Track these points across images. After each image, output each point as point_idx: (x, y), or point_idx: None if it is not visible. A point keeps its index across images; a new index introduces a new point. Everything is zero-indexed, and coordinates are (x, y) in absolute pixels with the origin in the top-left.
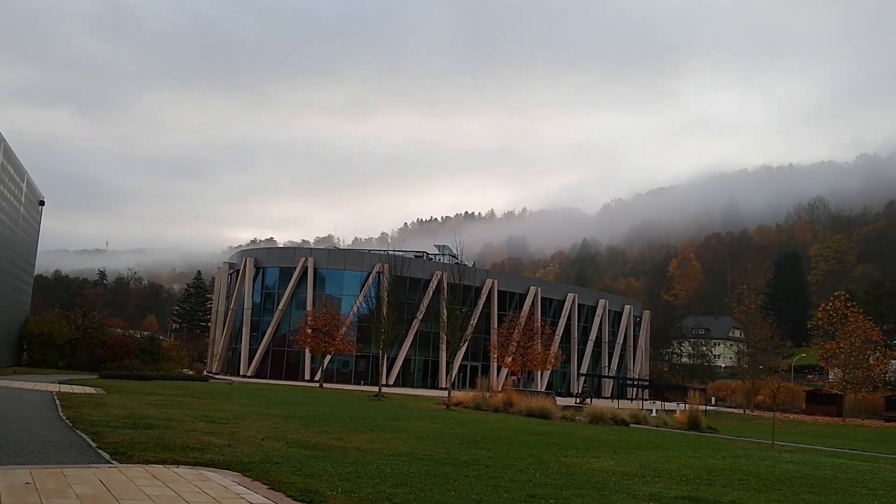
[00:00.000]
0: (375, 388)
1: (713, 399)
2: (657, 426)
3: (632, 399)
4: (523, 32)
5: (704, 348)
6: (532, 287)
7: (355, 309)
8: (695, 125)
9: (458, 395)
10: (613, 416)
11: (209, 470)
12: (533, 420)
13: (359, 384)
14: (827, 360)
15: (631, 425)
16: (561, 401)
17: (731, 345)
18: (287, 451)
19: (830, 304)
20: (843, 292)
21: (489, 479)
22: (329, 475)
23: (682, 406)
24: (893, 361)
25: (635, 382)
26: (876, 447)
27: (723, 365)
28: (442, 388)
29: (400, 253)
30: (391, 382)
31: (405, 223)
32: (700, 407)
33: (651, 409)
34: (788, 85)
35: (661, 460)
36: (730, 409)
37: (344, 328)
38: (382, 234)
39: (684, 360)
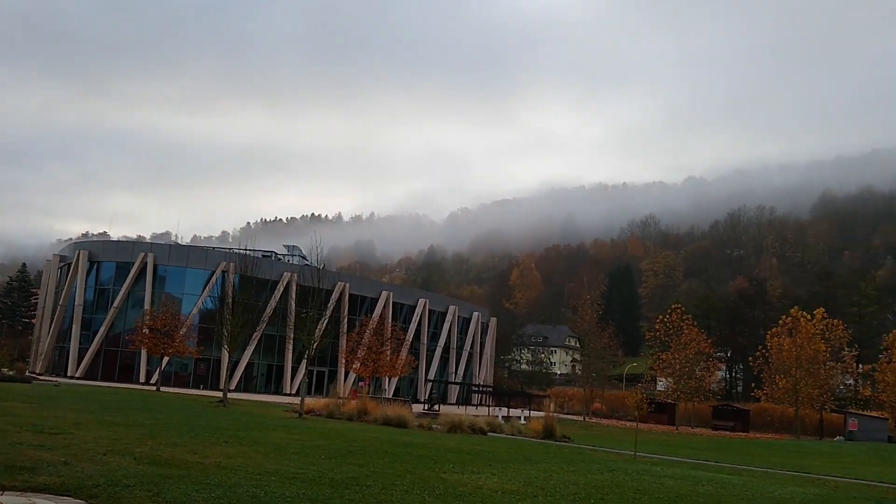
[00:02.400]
0: (216, 393)
1: (552, 406)
2: (512, 435)
3: (477, 405)
4: (375, 38)
5: (543, 356)
6: (384, 291)
7: (195, 310)
8: (536, 141)
9: (310, 402)
10: (471, 424)
11: (43, 497)
12: (391, 429)
13: (198, 388)
14: (662, 369)
15: (488, 434)
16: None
17: (567, 352)
18: (137, 470)
19: (667, 315)
20: (680, 305)
21: (377, 503)
22: (195, 503)
23: (526, 413)
24: (718, 372)
25: (481, 389)
26: (726, 457)
27: (559, 372)
28: (287, 394)
29: (247, 252)
30: (233, 387)
31: (248, 222)
32: (554, 415)
33: (507, 417)
34: (623, 109)
35: (543, 476)
36: (569, 416)
37: (184, 329)
38: (224, 232)
39: (524, 366)
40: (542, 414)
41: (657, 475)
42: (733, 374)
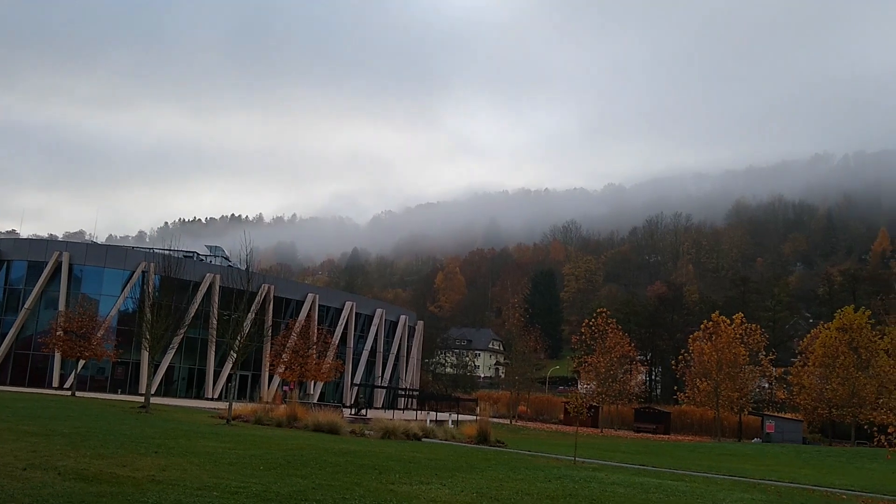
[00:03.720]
0: (135, 398)
1: (477, 409)
2: (446, 440)
3: (403, 409)
4: (298, 39)
5: (467, 359)
6: (310, 294)
7: (114, 311)
8: (460, 145)
9: (237, 407)
10: (405, 430)
11: None
12: (324, 436)
13: (116, 393)
14: (587, 372)
15: (422, 439)
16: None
17: (491, 356)
18: (64, 487)
19: (593, 319)
20: (605, 309)
21: None
22: None
23: (454, 417)
24: (640, 375)
25: (407, 392)
26: (661, 462)
27: (483, 375)
28: (210, 399)
29: (168, 252)
30: (152, 392)
31: (166, 222)
32: (489, 419)
33: (435, 421)
34: (545, 116)
35: (493, 486)
36: (495, 420)
37: (102, 331)
38: (141, 232)
39: (448, 370)
40: (470, 418)
41: (604, 482)
42: (653, 377)
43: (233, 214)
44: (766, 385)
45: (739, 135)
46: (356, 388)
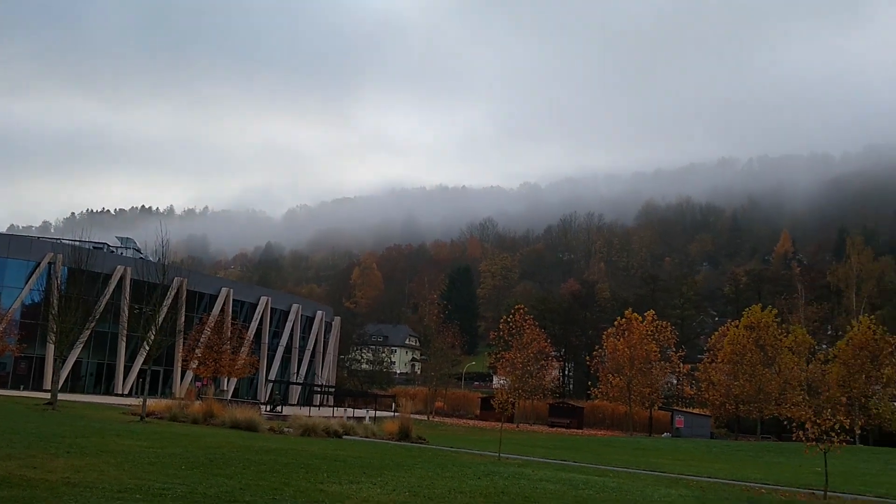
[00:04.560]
0: (39, 394)
1: (393, 405)
2: (367, 437)
3: (319, 406)
4: (211, 31)
5: (384, 355)
6: (224, 288)
7: (17, 304)
8: (377, 141)
9: (150, 404)
10: (325, 427)
11: None
12: (243, 434)
13: (18, 389)
14: (503, 368)
15: (343, 437)
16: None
17: (407, 352)
18: None
19: (511, 316)
20: (522, 306)
21: None
22: None
23: (371, 413)
24: (553, 371)
25: (323, 389)
26: (581, 457)
27: (399, 371)
28: (119, 395)
29: (77, 242)
30: (58, 388)
31: (73, 213)
32: (411, 416)
33: (352, 418)
34: (462, 114)
35: (424, 484)
36: (413, 416)
37: (4, 325)
38: (45, 222)
39: (364, 366)
40: (388, 414)
41: (533, 479)
42: (567, 373)
43: (143, 206)
44: (675, 381)
45: (649, 138)
46: (271, 384)
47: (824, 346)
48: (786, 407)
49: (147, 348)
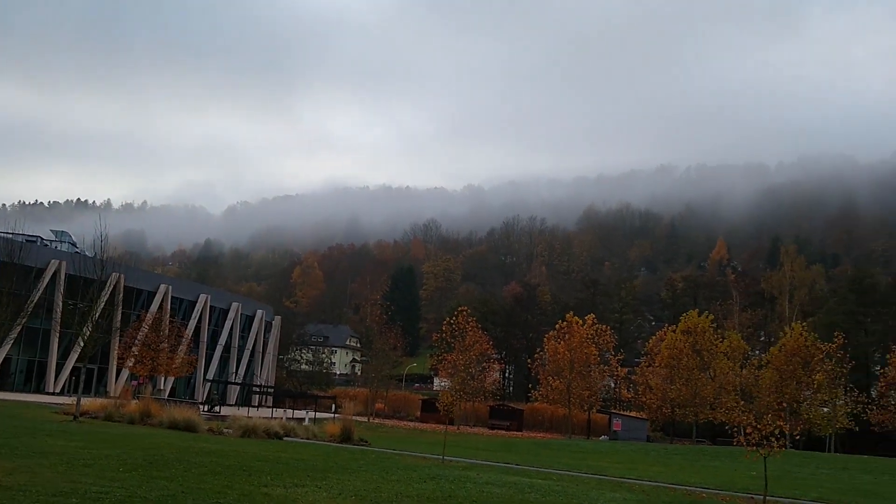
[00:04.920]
0: None
1: (333, 406)
2: (308, 438)
3: (258, 406)
4: (151, 24)
5: (324, 355)
6: (162, 284)
7: None
8: (320, 139)
9: (85, 403)
10: (266, 428)
11: None
12: (182, 434)
13: None
14: (445, 370)
15: (284, 438)
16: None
17: (347, 353)
18: None
19: (454, 318)
20: (465, 308)
21: None
22: None
23: (312, 415)
24: (493, 373)
25: (262, 389)
26: (524, 459)
27: (338, 372)
28: (50, 394)
29: (8, 235)
30: None
31: (4, 205)
32: (353, 418)
33: (292, 419)
34: (407, 115)
35: (371, 488)
36: (354, 418)
37: None
38: None
39: (304, 366)
40: (328, 416)
41: (478, 483)
42: (507, 376)
43: (79, 199)
44: (613, 384)
45: (591, 144)
46: (209, 384)
47: (758, 353)
48: (721, 411)
49: (82, 345)
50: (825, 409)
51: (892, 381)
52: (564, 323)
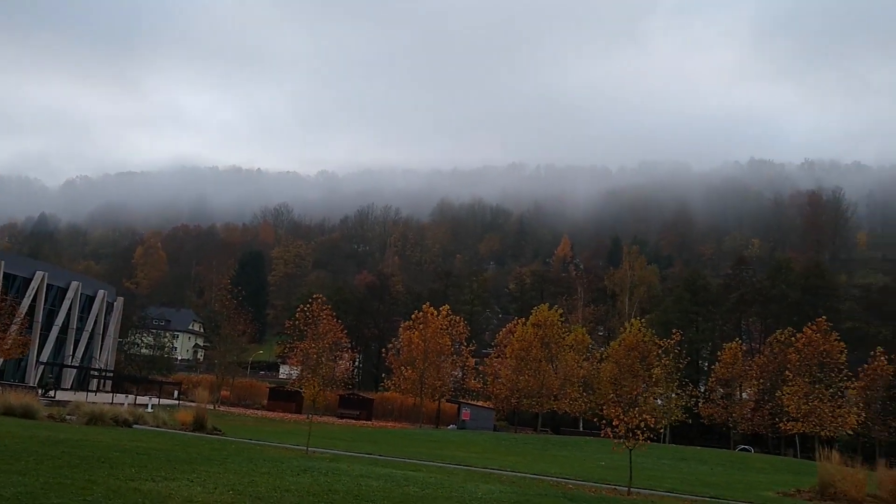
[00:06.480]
0: None
1: (176, 393)
2: (159, 426)
3: (96, 391)
4: None
5: (165, 340)
6: None
7: None
8: (168, 116)
9: None
10: (114, 415)
11: None
12: (20, 421)
13: None
14: (296, 358)
15: (134, 426)
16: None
17: (190, 338)
18: None
19: (308, 305)
20: (320, 295)
21: None
22: None
23: (154, 401)
24: (342, 362)
25: (101, 373)
26: (385, 450)
27: (180, 357)
28: None
29: None
30: None
31: None
32: (207, 406)
33: (139, 405)
34: (261, 96)
35: (244, 482)
36: (198, 404)
37: None
38: None
39: (143, 350)
40: (172, 402)
41: (352, 475)
42: (356, 364)
43: None
44: (461, 374)
45: (447, 138)
46: (43, 366)
47: (600, 347)
48: (566, 402)
49: None
50: (659, 402)
51: (721, 377)
52: (420, 313)
